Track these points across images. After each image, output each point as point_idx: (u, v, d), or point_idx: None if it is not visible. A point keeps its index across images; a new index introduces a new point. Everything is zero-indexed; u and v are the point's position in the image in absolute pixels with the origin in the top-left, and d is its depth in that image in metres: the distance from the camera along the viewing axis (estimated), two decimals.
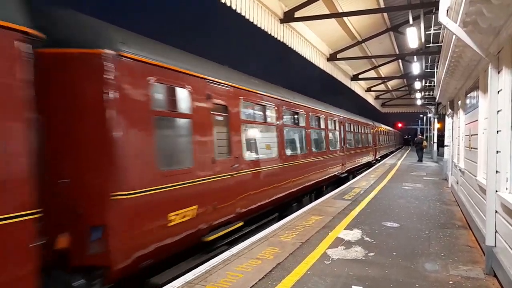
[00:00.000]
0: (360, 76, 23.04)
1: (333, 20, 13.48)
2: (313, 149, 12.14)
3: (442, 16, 5.07)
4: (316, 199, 11.49)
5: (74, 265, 4.19)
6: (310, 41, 14.45)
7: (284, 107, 9.75)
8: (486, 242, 5.04)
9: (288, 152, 10.01)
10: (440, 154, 24.59)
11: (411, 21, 13.55)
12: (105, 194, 4.28)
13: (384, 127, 36.27)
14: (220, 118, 6.64)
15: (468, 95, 8.76)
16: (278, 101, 9.34)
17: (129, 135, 4.56)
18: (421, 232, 7.08)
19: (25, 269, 3.14)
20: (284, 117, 9.93)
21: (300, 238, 6.66)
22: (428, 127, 46.32)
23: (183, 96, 5.62)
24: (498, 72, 4.77)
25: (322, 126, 13.57)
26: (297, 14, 11.71)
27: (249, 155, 7.77)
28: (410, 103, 37.41)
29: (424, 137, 37.46)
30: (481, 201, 6.00)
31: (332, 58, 17.21)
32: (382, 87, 30.07)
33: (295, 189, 10.13)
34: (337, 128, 15.98)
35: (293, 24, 12.45)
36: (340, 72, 20.19)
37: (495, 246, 4.91)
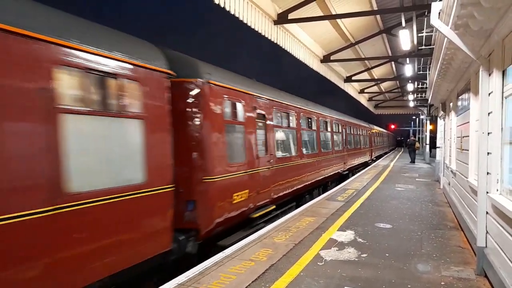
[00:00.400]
0: (353, 78, 23.16)
1: (326, 22, 13.54)
2: (322, 149, 13.99)
3: (434, 19, 5.12)
4: (323, 192, 13.19)
5: (176, 227, 5.48)
6: (304, 43, 14.50)
7: (301, 113, 11.76)
8: (477, 243, 5.08)
9: (304, 151, 11.82)
10: (432, 156, 24.81)
11: (403, 24, 13.64)
12: (197, 179, 6.13)
13: (379, 129, 38.83)
14: (260, 124, 8.53)
15: (460, 97, 8.84)
16: (297, 109, 11.34)
17: (212, 138, 6.42)
18: (414, 233, 7.12)
19: (169, 219, 5.24)
20: (301, 122, 11.78)
21: (293, 239, 6.67)
22: (420, 128, 46.68)
23: (239, 109, 7.53)
24: (489, 75, 4.82)
25: (329, 129, 15.44)
26: (291, 16, 11.74)
27: (279, 153, 9.71)
28: (403, 104, 37.68)
29: (417, 139, 37.76)
30: (473, 202, 6.05)
31: (325, 59, 17.28)
32: (375, 88, 30.26)
33: (308, 182, 12.03)
34: (340, 130, 17.72)
35: (286, 25, 12.48)
36: (333, 73, 20.28)
37: (486, 247, 4.95)
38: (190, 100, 6.13)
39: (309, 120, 12.74)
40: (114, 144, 4.60)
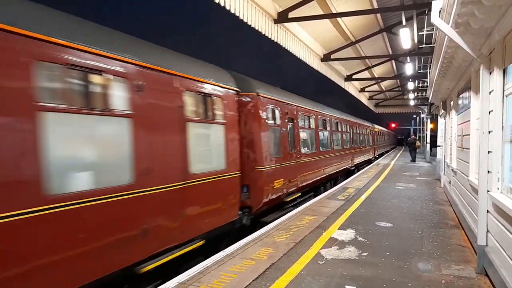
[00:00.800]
0: (353, 77, 23.10)
1: (327, 20, 13.51)
2: (335, 147, 16.13)
3: (435, 17, 5.11)
4: (334, 185, 14.87)
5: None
6: (304, 42, 14.47)
7: (318, 116, 13.76)
8: (478, 242, 5.08)
9: (321, 148, 13.68)
10: (433, 154, 24.78)
11: (404, 22, 13.61)
12: (253, 167, 8.08)
13: (381, 128, 41.21)
14: (290, 126, 10.39)
15: (460, 96, 8.84)
16: (315, 113, 13.36)
17: (261, 137, 8.27)
18: (414, 232, 7.13)
19: (238, 197, 7.27)
20: (319, 123, 13.73)
21: (294, 238, 6.67)
22: (421, 127, 46.64)
23: (277, 114, 9.41)
24: (490, 73, 4.81)
25: (339, 129, 17.54)
26: (291, 15, 11.72)
27: (303, 150, 11.55)
28: (403, 103, 37.61)
29: (417, 138, 37.72)
30: (473, 201, 6.05)
31: (326, 58, 17.24)
32: (375, 87, 30.19)
33: (324, 175, 14.07)
34: (348, 130, 19.68)
35: (287, 24, 12.45)
36: (334, 72, 20.24)
37: (486, 245, 4.95)
38: (247, 108, 8.14)
39: (324, 121, 14.71)
40: (212, 142, 6.76)
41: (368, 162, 26.77)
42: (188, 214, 5.69)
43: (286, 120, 10.07)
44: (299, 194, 10.88)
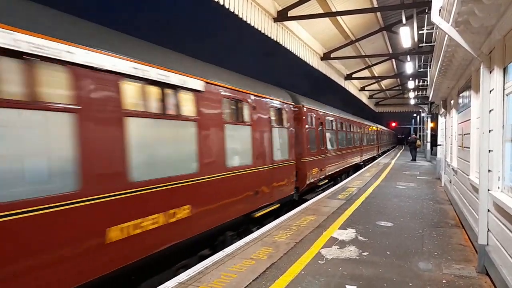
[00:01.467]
0: (353, 76, 23.09)
1: (326, 19, 13.49)
2: (349, 145, 19.58)
3: (435, 16, 5.08)
4: (347, 177, 17.33)
5: None
6: (304, 40, 14.45)
7: (337, 119, 17.06)
8: (478, 241, 5.07)
9: (339, 146, 17.10)
10: (433, 154, 24.77)
11: (404, 21, 13.59)
12: (300, 158, 11.14)
13: (384, 128, 46.37)
14: (320, 128, 13.71)
15: (461, 95, 8.82)
16: (335, 117, 16.77)
17: (304, 136, 11.52)
18: (415, 231, 7.11)
19: (294, 178, 10.65)
20: (338, 125, 17.30)
21: (294, 238, 6.66)
22: (421, 126, 46.59)
23: (313, 119, 12.75)
24: (490, 72, 4.80)
25: (352, 129, 20.91)
26: (291, 13, 11.70)
27: (328, 147, 14.89)
28: (404, 102, 37.59)
29: (418, 137, 37.71)
30: (474, 200, 6.04)
31: (325, 57, 17.22)
32: (375, 86, 30.17)
33: (342, 168, 17.51)
34: (358, 130, 23.27)
35: (286, 23, 12.44)
36: (334, 71, 20.21)
37: (487, 244, 4.94)
38: (296, 115, 11.13)
39: (342, 124, 18.08)
40: (283, 140, 9.80)
41: (373, 158, 30.09)
42: (274, 185, 9.07)
43: (318, 124, 13.41)
44: (327, 180, 14.30)
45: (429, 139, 27.84)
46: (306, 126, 11.86)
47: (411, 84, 23.11)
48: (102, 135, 4.25)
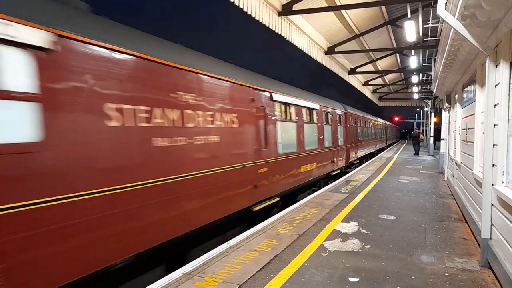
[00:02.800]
0: (357, 70, 23.02)
1: (331, 13, 13.45)
2: (369, 137, 25.50)
3: (441, 9, 5.06)
4: (365, 162, 22.47)
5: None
6: (308, 34, 14.42)
7: (363, 119, 23.19)
8: (481, 235, 5.09)
9: (364, 138, 23.22)
10: (437, 148, 24.72)
11: (409, 15, 13.53)
12: (346, 145, 17.09)
13: (390, 124, 52.76)
14: (354, 125, 18.93)
15: (465, 89, 8.78)
16: (362, 117, 22.84)
17: (348, 131, 17.52)
18: (417, 225, 7.14)
19: (348, 157, 18.57)
20: (364, 123, 23.12)
21: (297, 230, 6.70)
22: (424, 121, 46.45)
23: (352, 120, 18.55)
24: (496, 66, 4.78)
25: (370, 126, 26.52)
26: (295, 7, 11.66)
27: (359, 138, 20.78)
28: (407, 97, 37.50)
29: (421, 131, 37.61)
30: (477, 194, 6.05)
31: (330, 51, 17.19)
32: (379, 80, 30.08)
33: (365, 153, 23.37)
34: (375, 126, 29.34)
35: (291, 17, 12.40)
36: (337, 65, 20.18)
37: (490, 238, 4.96)
38: (345, 118, 16.93)
39: (365, 122, 23.95)
40: (341, 134, 16.13)
41: (382, 149, 35.65)
42: (338, 159, 15.09)
43: (353, 123, 19.12)
44: (358, 161, 20.77)
45: (432, 134, 27.78)
46: (348, 125, 17.63)
47: (415, 78, 23.04)
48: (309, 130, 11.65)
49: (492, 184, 4.82)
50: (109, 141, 4.24)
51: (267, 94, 8.57)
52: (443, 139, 16.25)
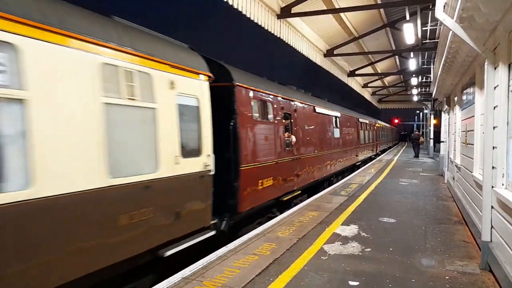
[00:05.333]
0: (356, 72, 23.05)
1: (330, 16, 13.47)
2: (383, 138, 36.16)
3: (439, 12, 5.06)
4: (369, 161, 25.80)
5: None
6: (307, 37, 14.43)
7: (382, 126, 35.85)
8: (482, 238, 5.07)
9: (381, 139, 34.66)
10: (436, 150, 24.70)
11: (407, 17, 13.54)
12: (374, 141, 29.48)
13: (392, 126, 58.49)
14: (375, 130, 29.50)
15: (465, 91, 8.78)
16: (382, 125, 35.63)
17: (375, 132, 29.61)
18: (418, 228, 7.11)
19: (377, 149, 32.73)
20: (381, 128, 35.09)
21: (297, 233, 6.67)
22: (424, 123, 46.47)
23: (375, 126, 29.78)
24: (495, 68, 4.77)
25: (384, 130, 35.16)
26: (294, 10, 11.68)
27: (380, 139, 33.23)
28: (407, 99, 37.53)
29: (421, 133, 37.64)
30: (477, 196, 6.03)
31: (328, 54, 17.21)
32: (378, 83, 30.15)
33: (382, 149, 35.08)
34: (385, 131, 34.22)
35: (290, 19, 12.43)
36: (337, 68, 20.20)
37: (491, 241, 4.93)
38: (373, 125, 28.48)
39: (382, 127, 31.91)
40: (373, 135, 28.39)
41: (388, 148, 42.34)
42: (367, 151, 24.88)
43: (375, 128, 27.60)
44: (377, 153, 29.89)
45: (432, 136, 27.79)
46: (374, 129, 27.38)
47: (414, 80, 23.05)
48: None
49: (492, 187, 4.79)
50: (317, 135, 12.71)
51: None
52: (443, 141, 16.24)
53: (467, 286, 4.47)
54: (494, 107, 4.73)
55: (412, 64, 18.75)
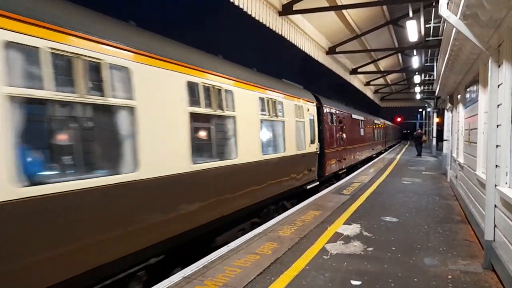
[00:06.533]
0: (359, 70, 22.95)
1: (332, 13, 13.39)
2: (388, 137, 39.61)
3: (443, 9, 5.01)
4: (376, 156, 28.65)
5: None
6: (309, 34, 14.36)
7: (377, 124, 29.81)
8: (485, 237, 5.03)
9: (386, 138, 37.96)
10: (439, 149, 24.60)
11: (411, 14, 13.47)
12: (386, 141, 39.67)
13: (397, 126, 64.20)
14: (385, 129, 36.15)
15: (468, 89, 8.72)
16: (381, 124, 32.87)
17: (392, 130, 47.22)
18: (420, 227, 7.07)
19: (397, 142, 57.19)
20: (390, 128, 43.86)
21: (298, 233, 6.64)
22: (427, 121, 46.35)
23: (389, 126, 42.80)
24: (499, 66, 4.72)
25: (392, 130, 44.51)
26: (296, 7, 11.62)
27: (376, 138, 29.77)
28: (409, 97, 37.41)
29: (423, 132, 37.54)
30: (480, 195, 5.98)
31: (331, 51, 17.13)
32: (381, 81, 30.01)
33: (393, 143, 46.61)
34: (393, 129, 40.32)
35: (291, 16, 12.36)
36: (339, 66, 20.11)
37: (494, 240, 4.89)
38: (390, 126, 43.46)
39: (374, 124, 28.00)
40: (394, 133, 49.70)
41: (393, 145, 46.97)
42: (377, 148, 29.36)
43: (386, 128, 34.39)
44: (385, 148, 36.35)
45: (434, 134, 27.68)
46: (383, 128, 32.34)
47: (417, 78, 22.93)
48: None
49: (495, 185, 4.75)
50: (359, 134, 20.79)
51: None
52: (445, 140, 16.16)
53: (469, 286, 4.44)
54: (498, 105, 4.68)
55: (415, 61, 18.64)
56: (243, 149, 7.05)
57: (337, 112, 14.87)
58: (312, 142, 11.40)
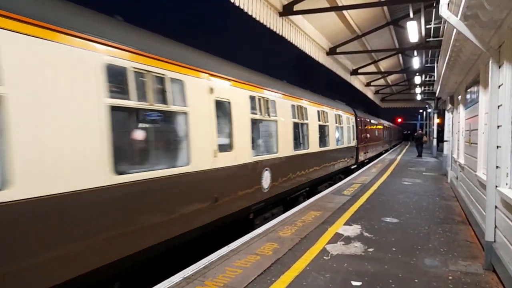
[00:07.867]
0: (359, 71, 22.92)
1: (332, 13, 13.37)
2: (392, 137, 46.07)
3: (443, 10, 5.01)
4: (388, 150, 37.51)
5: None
6: (309, 35, 14.34)
7: (384, 125, 35.22)
8: (485, 238, 5.03)
9: (390, 138, 42.74)
10: (440, 150, 24.59)
11: (411, 15, 13.44)
12: (391, 141, 48.79)
13: (399, 127, 68.66)
14: (390, 130, 41.39)
15: (469, 90, 8.72)
16: (387, 125, 38.48)
17: (392, 131, 48.35)
18: (421, 228, 7.07)
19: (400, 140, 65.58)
20: (395, 130, 51.55)
21: (299, 233, 6.64)
22: (427, 122, 46.35)
23: (396, 129, 55.94)
24: (499, 67, 4.72)
25: (396, 131, 51.30)
26: (296, 7, 11.60)
27: (383, 138, 34.80)
28: (410, 98, 37.31)
29: (424, 132, 37.52)
30: (481, 196, 5.98)
31: (331, 52, 17.10)
32: (381, 81, 29.95)
33: (394, 143, 49.91)
34: (397, 131, 48.26)
35: (292, 17, 12.34)
36: (339, 66, 20.08)
37: (494, 241, 4.89)
38: (397, 128, 61.10)
39: (379, 126, 30.25)
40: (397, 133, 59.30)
41: (395, 145, 50.67)
42: (384, 146, 34.81)
43: (375, 128, 27.58)
44: (390, 146, 41.98)
45: (435, 135, 27.64)
46: (389, 129, 37.60)
47: (417, 79, 22.90)
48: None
49: (496, 186, 4.75)
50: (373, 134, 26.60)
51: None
52: (446, 141, 16.15)
53: (470, 286, 4.43)
54: (499, 106, 4.68)
55: (416, 62, 18.62)
56: (326, 141, 13.20)
57: (363, 119, 21.47)
58: (354, 139, 18.01)
